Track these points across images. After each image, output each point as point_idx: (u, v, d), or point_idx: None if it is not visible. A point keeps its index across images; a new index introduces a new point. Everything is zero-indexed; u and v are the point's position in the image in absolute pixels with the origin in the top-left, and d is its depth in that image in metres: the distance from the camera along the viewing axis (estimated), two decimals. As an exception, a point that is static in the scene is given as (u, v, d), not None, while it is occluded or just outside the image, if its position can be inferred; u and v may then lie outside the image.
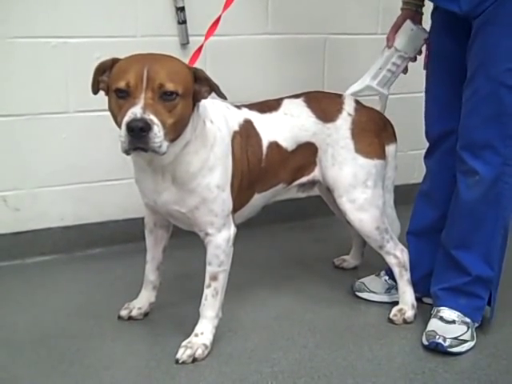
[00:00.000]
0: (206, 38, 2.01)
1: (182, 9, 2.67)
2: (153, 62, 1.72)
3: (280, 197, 2.30)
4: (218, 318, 2.01)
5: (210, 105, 1.94)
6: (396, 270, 2.24)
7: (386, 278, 2.37)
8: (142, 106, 1.65)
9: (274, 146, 2.09)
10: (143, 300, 2.21)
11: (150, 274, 2.19)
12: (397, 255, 2.23)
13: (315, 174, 2.21)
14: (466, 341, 2.03)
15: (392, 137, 2.29)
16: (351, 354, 2.02)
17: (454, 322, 2.04)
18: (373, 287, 2.38)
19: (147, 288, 2.21)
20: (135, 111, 1.65)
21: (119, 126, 1.70)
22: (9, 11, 2.46)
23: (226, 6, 2.02)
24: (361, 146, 2.17)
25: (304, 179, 2.22)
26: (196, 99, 1.81)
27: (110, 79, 1.76)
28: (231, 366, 1.94)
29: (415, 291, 2.24)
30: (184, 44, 2.72)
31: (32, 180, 2.65)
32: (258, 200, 2.13)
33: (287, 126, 2.12)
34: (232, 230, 2.00)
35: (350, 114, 2.19)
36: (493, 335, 2.14)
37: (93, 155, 2.72)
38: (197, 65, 1.91)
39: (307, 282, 2.52)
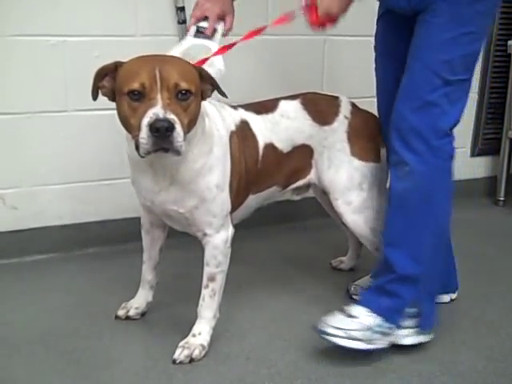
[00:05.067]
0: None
1: (182, 9, 2.67)
2: (162, 62, 1.71)
3: (275, 200, 2.30)
4: (216, 318, 2.01)
5: (207, 104, 1.94)
6: (392, 273, 2.23)
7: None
8: (161, 106, 1.64)
9: (270, 147, 2.10)
10: (140, 300, 2.21)
11: (147, 273, 2.19)
12: (393, 257, 2.22)
13: (311, 176, 2.21)
14: (356, 338, 1.96)
15: None
16: (348, 356, 2.01)
17: (355, 317, 1.99)
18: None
19: (144, 288, 2.21)
20: (157, 112, 1.63)
21: (134, 129, 1.67)
22: (8, 9, 2.46)
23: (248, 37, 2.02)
24: (357, 149, 2.17)
25: (300, 183, 2.22)
26: (202, 98, 1.81)
27: (118, 83, 1.73)
28: (228, 366, 1.94)
29: None
30: (183, 44, 2.72)
31: (30, 178, 2.65)
32: (252, 201, 2.14)
33: (283, 127, 2.13)
34: (230, 230, 2.00)
35: (346, 117, 2.20)
36: (489, 338, 2.15)
37: (91, 154, 2.71)
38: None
39: (304, 283, 2.52)
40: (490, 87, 3.59)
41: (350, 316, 1.99)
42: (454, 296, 2.36)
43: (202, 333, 1.98)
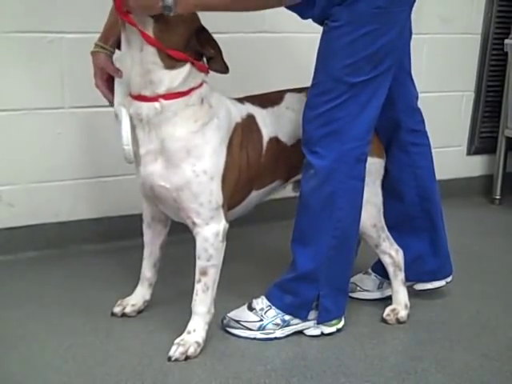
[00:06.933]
0: None
1: (179, 6, 2.66)
2: None
3: (274, 195, 2.30)
4: (211, 313, 2.01)
5: (217, 96, 1.95)
6: (390, 270, 2.24)
7: (375, 274, 2.38)
8: None
9: (274, 141, 2.09)
10: (138, 297, 2.20)
11: (147, 270, 2.19)
12: (392, 255, 2.23)
13: None
14: (248, 328, 2.07)
15: None
16: (344, 353, 2.02)
17: (253, 309, 2.10)
18: (364, 285, 2.39)
19: (143, 285, 2.20)
20: None
21: None
22: (5, 5, 2.45)
23: None
24: None
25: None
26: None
27: None
28: (224, 363, 1.94)
29: (405, 280, 2.25)
30: (180, 40, 2.71)
31: (27, 175, 2.64)
32: (254, 198, 2.13)
33: (287, 120, 2.12)
34: (222, 224, 1.97)
35: None
36: (484, 336, 2.15)
37: (88, 151, 2.71)
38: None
39: (301, 281, 2.52)
40: (487, 86, 3.60)
41: (249, 308, 2.10)
42: (449, 279, 2.36)
43: (196, 329, 1.98)
